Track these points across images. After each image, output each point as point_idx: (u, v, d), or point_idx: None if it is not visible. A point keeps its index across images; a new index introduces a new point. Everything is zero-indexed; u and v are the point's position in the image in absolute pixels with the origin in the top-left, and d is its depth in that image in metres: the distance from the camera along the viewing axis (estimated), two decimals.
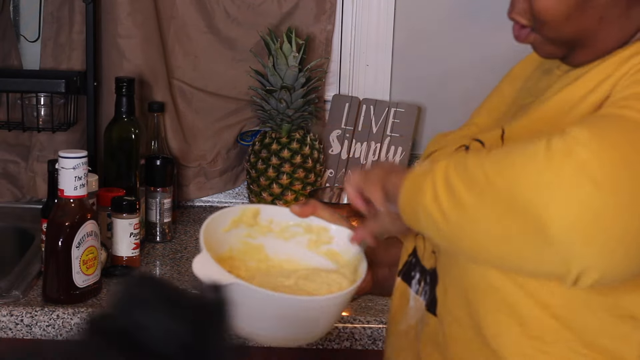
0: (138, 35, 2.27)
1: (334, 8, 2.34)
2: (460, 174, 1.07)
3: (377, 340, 1.78)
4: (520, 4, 1.18)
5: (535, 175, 1.00)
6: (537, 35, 1.19)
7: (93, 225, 1.78)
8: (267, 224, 1.34)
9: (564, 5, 1.14)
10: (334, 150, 2.37)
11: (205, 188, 2.40)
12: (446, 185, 1.08)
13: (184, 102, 2.37)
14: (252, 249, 1.34)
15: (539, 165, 1.01)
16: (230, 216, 1.33)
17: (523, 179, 1.01)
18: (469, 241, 1.07)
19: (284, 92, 2.21)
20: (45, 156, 2.28)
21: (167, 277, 1.96)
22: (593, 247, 0.98)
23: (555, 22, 1.15)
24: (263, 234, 1.34)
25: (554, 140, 1.01)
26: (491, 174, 1.04)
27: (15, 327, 1.75)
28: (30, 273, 1.90)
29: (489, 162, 1.05)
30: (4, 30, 2.34)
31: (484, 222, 1.04)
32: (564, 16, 1.14)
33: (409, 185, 1.14)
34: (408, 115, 2.35)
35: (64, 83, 2.15)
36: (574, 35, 1.16)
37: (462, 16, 2.33)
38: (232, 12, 2.34)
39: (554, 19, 1.15)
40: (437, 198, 1.08)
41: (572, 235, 0.98)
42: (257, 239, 1.34)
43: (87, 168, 1.76)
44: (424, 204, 1.10)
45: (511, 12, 1.20)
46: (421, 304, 1.27)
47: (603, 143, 1.00)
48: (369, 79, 2.39)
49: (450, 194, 1.07)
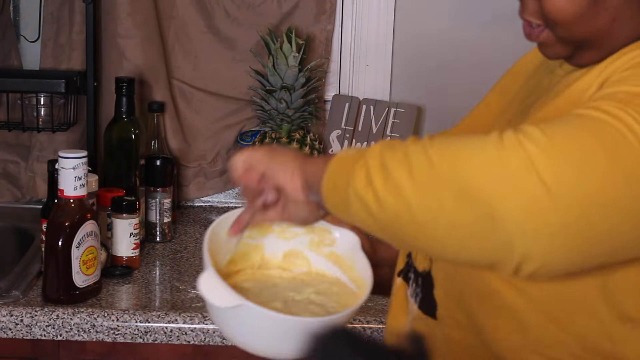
0: (138, 35, 2.27)
1: (334, 8, 2.34)
2: (399, 159, 1.03)
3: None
4: (531, 4, 1.16)
5: (484, 164, 0.99)
6: (550, 34, 1.17)
7: (93, 226, 1.78)
8: (267, 224, 1.34)
9: (576, 6, 1.12)
10: (333, 151, 2.37)
11: (205, 188, 2.40)
12: (382, 170, 1.04)
13: (184, 102, 2.37)
14: (252, 250, 1.33)
15: (488, 154, 0.99)
16: (232, 219, 1.32)
17: (471, 166, 0.99)
18: (404, 227, 1.04)
19: (284, 92, 2.21)
20: (45, 156, 2.28)
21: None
22: (536, 237, 0.98)
23: (567, 22, 1.14)
24: (263, 235, 1.34)
25: (506, 133, 1.01)
26: (436, 160, 1.01)
27: (15, 327, 1.75)
28: (30, 273, 1.90)
29: (434, 148, 1.03)
30: (4, 30, 2.34)
31: (425, 208, 1.01)
32: (576, 17, 1.13)
33: (334, 169, 1.10)
34: (408, 115, 2.35)
35: (64, 83, 2.15)
36: (586, 36, 1.15)
37: (462, 16, 2.33)
38: (232, 12, 2.34)
39: (565, 19, 1.13)
40: (371, 182, 1.04)
41: (516, 224, 0.97)
42: (257, 239, 1.33)
43: (87, 168, 1.76)
44: (355, 188, 1.05)
45: (523, 13, 1.19)
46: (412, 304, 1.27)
47: (554, 139, 0.98)
48: (369, 79, 2.39)
49: (386, 179, 1.03)
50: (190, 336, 1.76)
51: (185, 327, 1.76)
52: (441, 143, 1.03)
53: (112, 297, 1.84)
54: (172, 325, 1.76)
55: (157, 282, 1.94)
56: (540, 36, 1.18)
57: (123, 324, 1.76)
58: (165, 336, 1.76)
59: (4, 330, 1.75)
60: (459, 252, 1.03)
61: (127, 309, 1.78)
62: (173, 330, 1.76)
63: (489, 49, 2.31)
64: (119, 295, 1.85)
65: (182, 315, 1.76)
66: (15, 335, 1.75)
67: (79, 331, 1.75)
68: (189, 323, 1.76)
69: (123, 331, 1.76)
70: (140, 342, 1.77)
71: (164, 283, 1.93)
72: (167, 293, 1.88)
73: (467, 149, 1.01)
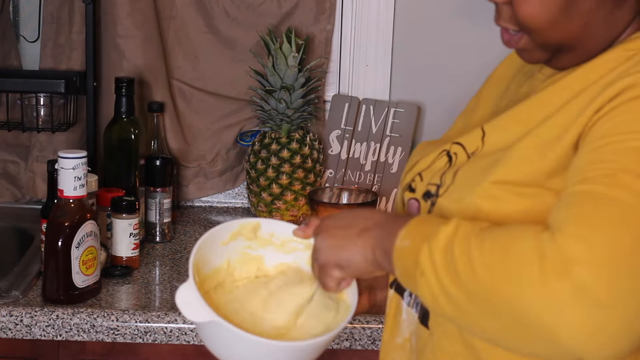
0: (138, 35, 2.27)
1: (334, 8, 2.34)
2: (446, 264, 1.06)
3: (376, 340, 1.78)
4: (506, 11, 1.18)
5: (535, 295, 0.99)
6: (528, 39, 1.18)
7: (93, 226, 1.78)
8: (268, 237, 1.34)
9: (549, 12, 1.13)
10: (333, 151, 2.37)
11: (204, 188, 2.40)
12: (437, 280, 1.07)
13: (184, 102, 2.37)
14: (251, 259, 1.34)
15: (534, 282, 0.99)
16: (229, 230, 1.32)
17: (519, 294, 1.00)
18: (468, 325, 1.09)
19: (283, 92, 2.21)
20: (44, 156, 2.28)
21: (166, 278, 1.96)
22: (601, 346, 0.99)
23: (541, 28, 1.15)
24: (263, 247, 1.34)
25: (546, 248, 1.00)
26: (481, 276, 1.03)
27: (15, 327, 1.75)
28: (29, 273, 1.90)
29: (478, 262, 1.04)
30: (3, 30, 2.34)
31: (481, 324, 1.05)
32: (550, 22, 1.14)
33: (399, 261, 1.13)
34: (408, 115, 2.35)
35: (64, 83, 2.15)
36: (562, 41, 1.16)
37: (462, 16, 2.33)
38: (232, 12, 2.34)
39: (539, 25, 1.14)
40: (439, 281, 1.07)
41: (579, 343, 0.99)
42: (257, 250, 1.34)
43: (86, 168, 1.76)
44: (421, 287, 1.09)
45: (499, 20, 1.20)
46: (414, 316, 1.26)
47: (600, 259, 0.98)
48: (369, 79, 2.39)
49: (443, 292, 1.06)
50: (190, 336, 1.76)
51: (185, 327, 1.76)
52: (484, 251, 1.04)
53: (112, 297, 1.84)
54: (172, 325, 1.76)
55: (157, 282, 1.94)
56: (519, 42, 1.19)
57: (123, 324, 1.76)
58: (165, 336, 1.76)
59: (4, 330, 1.75)
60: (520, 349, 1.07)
61: (127, 309, 1.78)
62: (173, 330, 1.76)
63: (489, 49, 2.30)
64: (118, 296, 1.85)
65: (182, 316, 1.76)
66: (15, 335, 1.75)
67: (79, 331, 1.75)
68: (189, 323, 1.76)
69: (123, 331, 1.76)
70: (140, 342, 1.77)
71: (164, 283, 1.93)
72: (167, 293, 1.88)
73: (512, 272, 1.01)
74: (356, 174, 2.35)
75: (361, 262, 1.19)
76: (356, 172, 2.35)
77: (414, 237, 1.11)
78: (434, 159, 1.27)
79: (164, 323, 1.76)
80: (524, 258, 1.01)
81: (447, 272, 1.05)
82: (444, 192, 1.21)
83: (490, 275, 1.02)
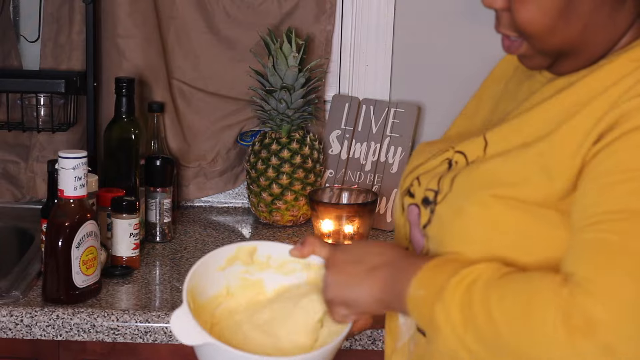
0: (138, 35, 2.27)
1: (334, 8, 2.34)
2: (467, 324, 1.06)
3: (377, 340, 1.78)
4: (505, 18, 1.17)
5: (559, 355, 1.01)
6: (529, 46, 1.17)
7: (93, 226, 1.78)
8: (265, 260, 1.33)
9: (547, 18, 1.13)
10: (333, 151, 2.37)
11: (205, 188, 2.40)
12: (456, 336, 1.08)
13: (184, 102, 2.37)
14: (251, 285, 1.33)
15: (562, 344, 1.00)
16: (225, 255, 1.32)
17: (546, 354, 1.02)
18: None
19: (283, 92, 2.21)
20: (45, 156, 2.28)
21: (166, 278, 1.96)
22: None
23: (540, 34, 1.14)
24: (261, 270, 1.34)
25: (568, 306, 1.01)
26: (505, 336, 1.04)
27: (15, 327, 1.75)
28: (30, 273, 1.90)
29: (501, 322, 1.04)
30: (4, 30, 2.34)
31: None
32: (549, 28, 1.13)
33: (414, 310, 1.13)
34: (408, 115, 2.35)
35: (64, 83, 2.15)
36: (561, 46, 1.15)
37: (462, 16, 2.33)
38: (232, 12, 2.34)
39: (538, 31, 1.14)
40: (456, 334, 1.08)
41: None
42: (255, 274, 1.33)
43: (86, 168, 1.76)
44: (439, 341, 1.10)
45: (499, 26, 1.20)
46: (412, 322, 1.26)
47: (621, 318, 1.00)
48: (369, 79, 2.39)
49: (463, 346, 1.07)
50: None
51: None
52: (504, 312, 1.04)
53: (112, 297, 1.84)
54: None
55: (157, 282, 1.94)
56: (520, 49, 1.19)
57: (123, 324, 1.76)
58: (165, 336, 1.76)
59: (4, 330, 1.75)
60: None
61: (127, 309, 1.78)
62: None
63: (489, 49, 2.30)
64: (119, 296, 1.85)
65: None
66: (15, 335, 1.75)
67: (79, 331, 1.75)
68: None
69: (123, 331, 1.76)
70: (140, 342, 1.77)
71: (164, 283, 1.93)
72: (167, 293, 1.88)
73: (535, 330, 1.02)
74: (356, 174, 2.35)
75: (369, 302, 1.19)
76: (356, 172, 2.35)
77: (427, 287, 1.11)
78: (436, 166, 1.27)
79: (164, 323, 1.76)
80: (548, 317, 1.01)
81: (466, 329, 1.06)
82: (442, 199, 1.21)
83: (514, 335, 1.03)
